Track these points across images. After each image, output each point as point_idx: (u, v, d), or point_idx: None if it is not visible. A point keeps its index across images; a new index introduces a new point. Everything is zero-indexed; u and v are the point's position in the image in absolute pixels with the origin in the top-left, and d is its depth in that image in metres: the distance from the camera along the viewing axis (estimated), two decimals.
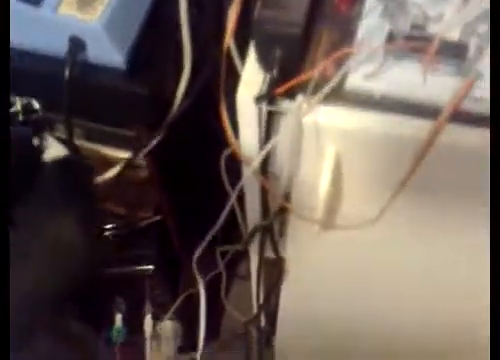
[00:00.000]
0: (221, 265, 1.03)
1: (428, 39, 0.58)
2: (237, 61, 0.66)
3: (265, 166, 0.66)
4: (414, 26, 0.59)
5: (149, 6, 0.73)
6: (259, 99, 0.60)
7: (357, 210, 0.67)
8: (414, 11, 0.59)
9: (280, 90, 0.60)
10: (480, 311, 0.76)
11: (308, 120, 0.61)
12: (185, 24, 0.71)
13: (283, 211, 0.74)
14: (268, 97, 0.60)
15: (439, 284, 0.80)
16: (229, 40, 0.64)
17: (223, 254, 1.02)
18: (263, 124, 0.62)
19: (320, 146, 0.62)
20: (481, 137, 0.58)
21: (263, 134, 0.63)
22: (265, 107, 0.61)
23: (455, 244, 0.72)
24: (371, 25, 0.60)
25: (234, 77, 0.68)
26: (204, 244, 0.87)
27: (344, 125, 0.60)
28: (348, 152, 0.62)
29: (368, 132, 0.60)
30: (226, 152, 0.74)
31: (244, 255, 0.98)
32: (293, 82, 0.59)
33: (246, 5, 0.66)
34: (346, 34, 0.61)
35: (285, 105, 0.61)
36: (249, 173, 0.66)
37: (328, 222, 0.68)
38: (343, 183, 0.66)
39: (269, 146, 0.62)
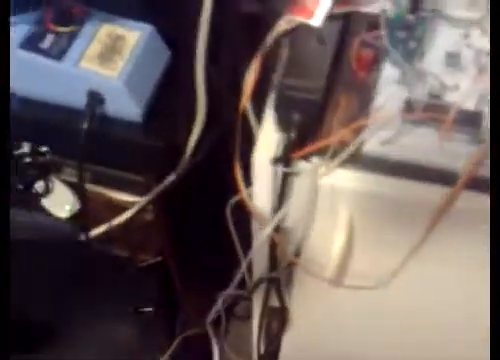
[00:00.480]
0: (221, 308, 1.03)
1: (445, 108, 0.59)
2: (253, 122, 0.67)
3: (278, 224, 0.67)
4: (431, 95, 0.60)
5: (167, 61, 0.74)
6: (276, 161, 0.62)
7: (368, 270, 0.68)
8: (431, 80, 0.61)
9: (298, 154, 0.61)
10: None
11: (324, 182, 0.62)
12: (201, 79, 0.72)
13: (291, 265, 0.75)
14: (285, 159, 0.61)
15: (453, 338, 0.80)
16: (246, 103, 0.65)
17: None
18: (278, 184, 0.63)
19: (334, 207, 0.63)
20: None
21: (278, 195, 0.64)
22: (282, 169, 0.62)
23: (467, 297, 0.73)
24: (389, 92, 0.61)
25: (247, 133, 0.69)
26: (216, 308, 0.87)
27: (360, 188, 0.61)
28: (363, 214, 0.63)
29: (383, 196, 0.61)
30: (232, 200, 0.75)
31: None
32: (312, 147, 0.60)
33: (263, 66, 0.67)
34: (364, 100, 0.63)
35: (301, 166, 0.62)
36: (263, 237, 0.67)
37: (338, 280, 0.69)
38: (356, 244, 0.66)
39: (283, 211, 0.63)
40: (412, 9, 0.59)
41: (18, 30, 0.67)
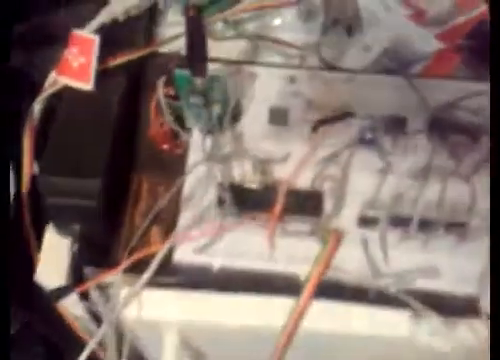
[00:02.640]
0: None
1: (271, 192, 0.43)
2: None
3: None
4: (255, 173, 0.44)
5: None
6: (59, 295, 0.44)
7: None
8: (251, 154, 0.44)
9: (88, 285, 0.44)
10: None
11: (134, 312, 0.45)
12: None
13: None
14: (68, 291, 0.44)
15: None
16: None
17: None
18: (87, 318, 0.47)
19: (159, 339, 0.47)
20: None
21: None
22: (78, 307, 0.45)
23: None
24: (199, 173, 0.45)
25: None
26: None
27: (181, 314, 0.45)
28: (194, 344, 0.47)
29: (212, 322, 0.45)
30: None
31: None
32: (105, 275, 0.43)
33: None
34: (171, 182, 0.46)
35: (95, 296, 0.45)
36: None
37: None
38: None
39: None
40: (195, 72, 0.41)
41: None
